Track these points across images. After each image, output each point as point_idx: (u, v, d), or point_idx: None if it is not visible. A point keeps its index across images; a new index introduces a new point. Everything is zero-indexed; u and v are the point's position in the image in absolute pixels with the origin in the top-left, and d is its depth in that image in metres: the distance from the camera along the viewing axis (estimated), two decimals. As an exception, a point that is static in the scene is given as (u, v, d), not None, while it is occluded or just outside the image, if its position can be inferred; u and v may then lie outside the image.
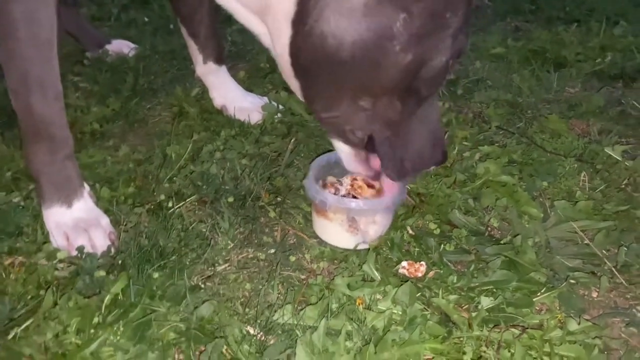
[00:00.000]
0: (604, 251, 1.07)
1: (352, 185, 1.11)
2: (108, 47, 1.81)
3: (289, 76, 0.93)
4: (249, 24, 0.97)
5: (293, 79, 0.93)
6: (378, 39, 0.81)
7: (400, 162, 0.98)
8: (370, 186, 1.11)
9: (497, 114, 1.51)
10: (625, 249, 1.06)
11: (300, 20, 0.85)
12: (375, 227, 1.06)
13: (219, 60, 1.48)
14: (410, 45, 0.82)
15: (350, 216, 1.04)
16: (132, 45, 1.83)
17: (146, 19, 2.12)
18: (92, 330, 0.86)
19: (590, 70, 1.75)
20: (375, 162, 1.00)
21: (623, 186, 1.24)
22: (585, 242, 1.09)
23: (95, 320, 0.87)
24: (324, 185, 1.11)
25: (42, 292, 0.94)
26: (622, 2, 2.26)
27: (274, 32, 0.90)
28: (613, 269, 1.03)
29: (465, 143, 1.38)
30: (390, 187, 1.05)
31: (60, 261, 1.00)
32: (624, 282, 1.01)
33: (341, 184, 1.11)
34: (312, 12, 0.83)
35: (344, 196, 1.07)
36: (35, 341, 0.85)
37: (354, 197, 1.08)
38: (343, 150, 1.01)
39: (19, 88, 0.97)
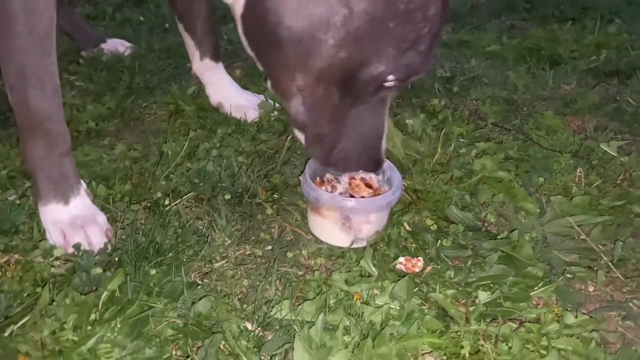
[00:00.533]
0: (600, 246, 1.08)
1: (349, 184, 1.11)
2: (103, 45, 1.80)
3: (246, 47, 0.94)
4: None
5: (249, 49, 0.94)
6: (314, 28, 0.82)
7: (325, 151, 0.99)
8: (368, 186, 1.11)
9: (493, 110, 1.51)
10: (622, 243, 1.06)
11: None
12: (369, 226, 1.06)
13: (216, 57, 1.48)
14: (345, 42, 0.82)
15: (344, 214, 1.04)
16: (128, 44, 1.82)
17: (141, 18, 2.11)
18: (89, 327, 0.86)
19: (586, 67, 1.76)
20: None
21: (619, 181, 1.25)
22: (582, 237, 1.09)
23: (92, 317, 0.87)
24: (322, 182, 1.11)
25: (38, 289, 0.93)
26: (616, 0, 2.27)
27: (236, 4, 0.91)
28: (609, 263, 1.03)
29: (462, 140, 1.38)
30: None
31: (57, 258, 1.00)
32: (620, 276, 1.02)
33: (339, 182, 1.11)
34: None
35: (340, 194, 1.07)
36: (32, 338, 0.84)
37: (352, 195, 1.08)
38: (297, 133, 1.02)
39: (17, 81, 0.96)
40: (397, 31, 0.82)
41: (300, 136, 1.03)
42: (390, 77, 0.87)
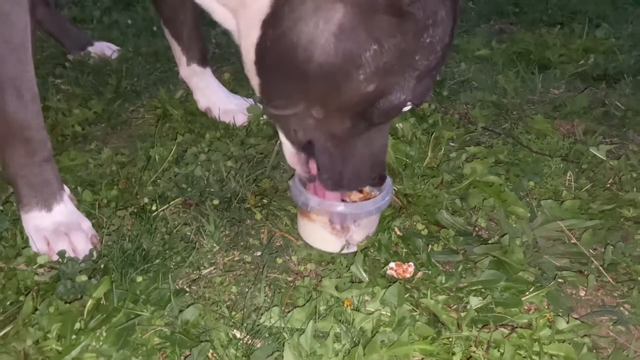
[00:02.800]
0: (590, 250, 1.07)
1: None
2: (90, 49, 1.78)
3: (250, 73, 0.93)
4: (221, 19, 0.97)
5: (254, 76, 0.93)
6: (345, 64, 0.82)
7: (336, 175, 0.98)
8: (359, 191, 1.10)
9: (483, 115, 1.51)
10: (612, 247, 1.06)
11: (272, 24, 0.85)
12: (358, 231, 1.05)
13: (203, 62, 1.46)
14: (374, 77, 0.83)
15: (332, 219, 1.03)
16: (115, 47, 1.81)
17: (129, 21, 2.10)
18: (73, 336, 0.83)
19: (574, 71, 1.77)
20: (313, 166, 1.01)
21: (608, 185, 1.25)
22: (573, 241, 1.09)
23: (77, 325, 0.85)
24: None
25: (21, 297, 0.91)
26: (604, 5, 2.29)
27: (244, 29, 0.90)
28: (600, 267, 1.03)
29: (452, 144, 1.38)
30: (323, 191, 1.04)
31: (41, 266, 0.97)
32: (611, 280, 1.02)
33: None
34: (286, 19, 0.83)
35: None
36: (14, 348, 0.82)
37: (343, 200, 1.07)
38: (286, 144, 1.01)
39: None
40: (421, 63, 0.84)
41: (292, 155, 1.01)
42: (409, 103, 0.88)
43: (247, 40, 0.90)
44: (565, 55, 1.86)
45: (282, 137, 1.00)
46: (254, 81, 0.94)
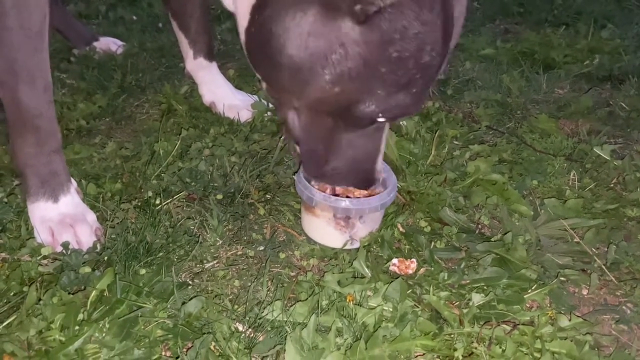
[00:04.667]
0: (593, 249, 1.07)
1: None
2: (95, 44, 1.78)
3: (246, 56, 0.95)
4: (227, 4, 0.98)
5: (248, 60, 0.95)
6: (313, 61, 0.83)
7: (316, 167, 1.00)
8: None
9: (487, 113, 1.51)
10: (615, 246, 1.06)
11: (259, 9, 0.87)
12: (362, 227, 1.05)
13: (209, 56, 1.46)
14: (339, 80, 0.83)
15: (337, 215, 1.03)
16: (120, 42, 1.81)
17: (134, 17, 2.10)
18: (76, 327, 0.84)
19: (579, 71, 1.76)
20: None
21: (612, 185, 1.25)
22: (576, 240, 1.09)
23: (80, 316, 0.85)
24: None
25: (25, 288, 0.91)
26: (609, 6, 2.29)
27: (240, 14, 0.92)
28: (603, 266, 1.03)
29: (456, 142, 1.38)
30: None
31: (45, 257, 0.98)
32: (613, 279, 1.02)
33: None
34: (270, 6, 0.84)
35: (335, 195, 1.06)
36: (17, 338, 0.83)
37: (348, 197, 1.07)
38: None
39: (7, 77, 0.94)
40: (388, 76, 0.83)
41: (293, 145, 1.03)
42: (380, 115, 0.88)
43: (241, 24, 0.92)
44: (570, 55, 1.85)
45: (289, 139, 1.03)
46: (250, 64, 0.97)
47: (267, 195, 1.18)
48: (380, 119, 0.89)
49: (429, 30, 0.80)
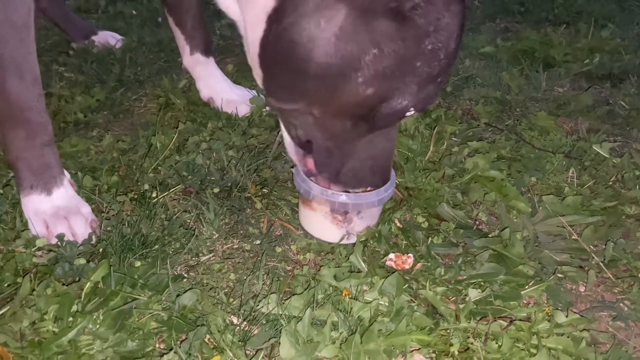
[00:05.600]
0: (591, 246, 1.07)
1: None
2: (94, 38, 1.78)
3: (254, 65, 0.93)
4: (226, 9, 0.96)
5: (257, 68, 0.92)
6: (344, 65, 0.81)
7: (334, 173, 0.98)
8: None
9: (486, 111, 1.50)
10: (613, 244, 1.06)
11: (276, 18, 0.84)
12: (359, 222, 1.05)
13: (206, 52, 1.46)
14: (373, 81, 0.82)
15: (334, 209, 1.02)
16: (119, 36, 1.80)
17: (134, 12, 2.10)
18: (70, 318, 0.83)
19: (579, 70, 1.76)
20: (310, 162, 1.00)
21: (611, 183, 1.24)
22: (574, 237, 1.08)
23: (74, 308, 0.85)
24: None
25: (19, 279, 0.91)
26: (610, 6, 2.28)
27: (250, 22, 0.90)
28: (601, 263, 1.03)
29: (454, 138, 1.37)
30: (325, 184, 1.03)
31: (39, 249, 0.97)
32: (611, 276, 1.01)
33: None
34: (289, 15, 0.82)
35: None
36: (10, 328, 0.82)
37: (346, 191, 1.06)
38: (286, 136, 1.00)
39: None
40: (422, 69, 0.82)
41: (293, 149, 1.00)
42: (412, 109, 0.87)
43: (253, 33, 0.89)
44: (570, 54, 1.85)
45: (283, 128, 1.00)
46: (258, 74, 0.94)
47: (264, 190, 1.18)
48: (409, 113, 0.88)
49: (455, 19, 0.80)
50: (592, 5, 2.27)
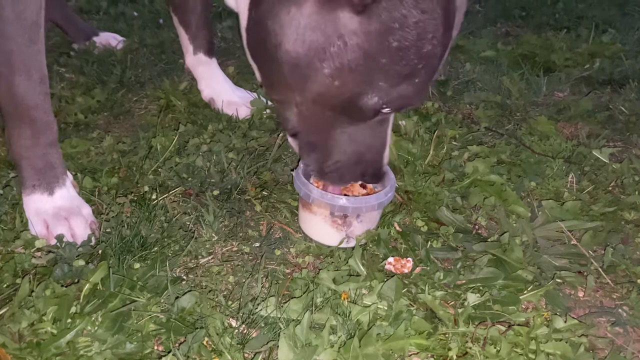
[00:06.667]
0: (590, 251, 1.07)
1: None
2: (96, 39, 1.78)
3: (248, 55, 0.95)
4: (230, 3, 0.97)
5: (250, 59, 0.94)
6: (311, 55, 0.82)
7: (318, 165, 0.99)
8: (362, 186, 1.10)
9: (487, 115, 1.51)
10: (612, 249, 1.06)
11: (256, 6, 0.86)
12: (359, 226, 1.05)
13: (209, 52, 1.46)
14: (340, 73, 0.82)
15: (333, 212, 1.02)
16: (120, 38, 1.81)
17: (135, 13, 2.10)
18: (68, 320, 0.83)
19: (579, 75, 1.76)
20: None
21: (610, 188, 1.24)
22: (573, 242, 1.08)
23: (73, 309, 0.85)
24: (317, 180, 1.10)
25: (18, 280, 0.91)
26: (611, 11, 2.28)
27: (240, 12, 0.92)
28: (599, 269, 1.03)
29: (454, 143, 1.37)
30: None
31: (38, 250, 0.97)
32: (610, 282, 1.01)
33: None
34: (265, 3, 0.84)
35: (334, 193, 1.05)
36: (9, 329, 0.82)
37: (346, 195, 1.06)
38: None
39: (3, 69, 0.94)
40: (389, 66, 0.82)
41: (293, 143, 1.02)
42: (385, 107, 0.87)
43: (242, 22, 0.92)
44: (570, 59, 1.85)
45: (288, 135, 1.02)
46: (252, 64, 0.95)
47: (264, 192, 1.18)
48: (385, 110, 0.88)
49: (429, 19, 0.79)
50: (593, 10, 2.27)
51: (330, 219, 1.03)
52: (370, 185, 1.11)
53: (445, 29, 0.81)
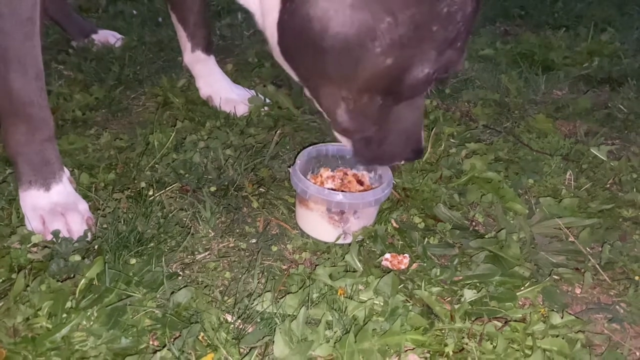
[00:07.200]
0: (588, 248, 1.07)
1: (341, 180, 1.10)
2: (94, 36, 1.78)
3: (277, 54, 0.92)
4: (244, 1, 0.95)
5: (281, 58, 0.92)
6: (361, 35, 0.80)
7: (370, 153, 0.98)
8: (359, 182, 1.10)
9: (485, 113, 1.50)
10: (609, 246, 1.05)
11: None
12: (355, 222, 1.04)
13: (207, 50, 1.46)
14: (391, 50, 0.81)
15: (330, 208, 1.02)
16: (119, 35, 1.80)
17: (134, 11, 2.09)
18: (64, 315, 0.83)
19: (578, 73, 1.76)
20: None
21: (608, 185, 1.24)
22: (570, 239, 1.08)
23: (68, 304, 0.85)
24: (315, 177, 1.10)
25: (14, 275, 0.91)
26: (609, 10, 2.28)
27: (265, 9, 0.89)
28: (597, 265, 1.02)
29: (452, 140, 1.37)
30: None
31: (34, 245, 0.97)
32: (607, 279, 1.01)
33: (333, 178, 1.10)
34: None
35: (331, 189, 1.05)
36: (4, 324, 0.82)
37: (344, 191, 1.06)
38: (337, 135, 1.01)
39: None
40: (439, 34, 0.81)
41: (344, 140, 1.00)
42: (434, 76, 0.86)
43: (269, 18, 0.89)
44: (569, 57, 1.85)
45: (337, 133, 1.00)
46: (283, 63, 0.93)
47: (261, 189, 1.18)
48: (433, 80, 0.87)
49: None
50: (592, 10, 2.27)
51: (327, 215, 1.03)
52: (367, 182, 1.11)
53: None
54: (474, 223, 1.13)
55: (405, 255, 1.00)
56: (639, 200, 1.19)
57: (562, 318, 0.89)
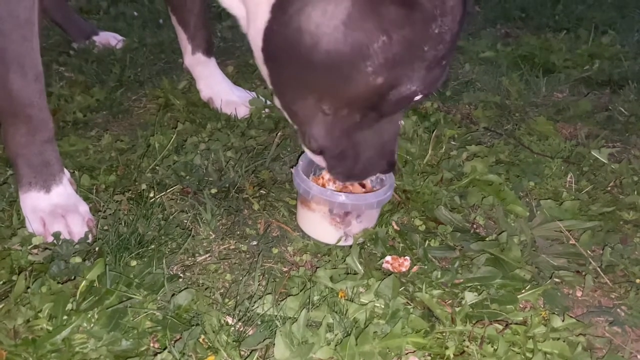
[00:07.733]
0: (589, 251, 1.07)
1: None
2: (95, 38, 1.78)
3: (259, 61, 0.91)
4: (228, 5, 0.95)
5: (262, 65, 0.91)
6: (353, 54, 0.80)
7: (347, 169, 0.98)
8: (361, 185, 1.10)
9: (485, 115, 1.51)
10: (610, 249, 1.05)
11: (281, 7, 0.82)
12: (357, 224, 1.04)
13: (208, 52, 1.46)
14: (383, 69, 0.81)
15: (332, 209, 1.02)
16: (120, 37, 1.80)
17: (135, 13, 2.09)
18: (64, 317, 0.83)
19: (578, 76, 1.76)
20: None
21: (609, 188, 1.24)
22: (571, 241, 1.08)
23: (69, 306, 0.84)
24: (316, 179, 1.10)
25: (14, 277, 0.91)
26: (610, 13, 2.28)
27: (252, 13, 0.88)
28: (598, 268, 1.02)
29: (453, 142, 1.37)
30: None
31: (35, 247, 0.97)
32: (608, 282, 1.01)
33: (334, 181, 1.10)
34: (295, 3, 0.80)
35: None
36: (4, 326, 0.82)
37: (361, 184, 1.06)
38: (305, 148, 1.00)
39: None
40: (430, 53, 0.82)
41: (314, 156, 0.99)
42: (419, 94, 0.86)
43: (255, 25, 0.88)
44: (570, 60, 1.85)
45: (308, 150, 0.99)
46: (263, 71, 0.92)
47: (262, 191, 1.18)
48: (417, 98, 0.87)
49: (459, 1, 0.79)
50: (593, 12, 2.27)
51: (329, 216, 1.03)
52: (369, 184, 1.11)
53: (466, 7, 0.82)
54: (474, 226, 1.13)
55: (406, 257, 1.00)
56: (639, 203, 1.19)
57: (563, 321, 0.89)
